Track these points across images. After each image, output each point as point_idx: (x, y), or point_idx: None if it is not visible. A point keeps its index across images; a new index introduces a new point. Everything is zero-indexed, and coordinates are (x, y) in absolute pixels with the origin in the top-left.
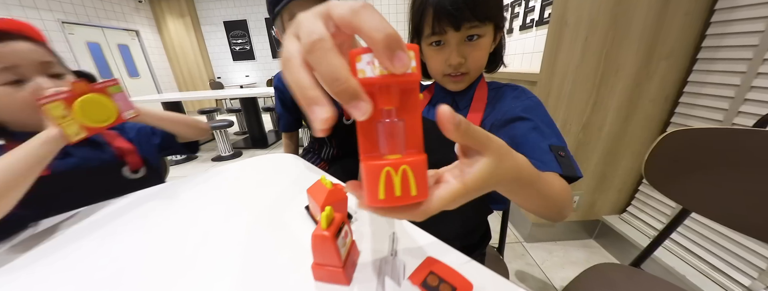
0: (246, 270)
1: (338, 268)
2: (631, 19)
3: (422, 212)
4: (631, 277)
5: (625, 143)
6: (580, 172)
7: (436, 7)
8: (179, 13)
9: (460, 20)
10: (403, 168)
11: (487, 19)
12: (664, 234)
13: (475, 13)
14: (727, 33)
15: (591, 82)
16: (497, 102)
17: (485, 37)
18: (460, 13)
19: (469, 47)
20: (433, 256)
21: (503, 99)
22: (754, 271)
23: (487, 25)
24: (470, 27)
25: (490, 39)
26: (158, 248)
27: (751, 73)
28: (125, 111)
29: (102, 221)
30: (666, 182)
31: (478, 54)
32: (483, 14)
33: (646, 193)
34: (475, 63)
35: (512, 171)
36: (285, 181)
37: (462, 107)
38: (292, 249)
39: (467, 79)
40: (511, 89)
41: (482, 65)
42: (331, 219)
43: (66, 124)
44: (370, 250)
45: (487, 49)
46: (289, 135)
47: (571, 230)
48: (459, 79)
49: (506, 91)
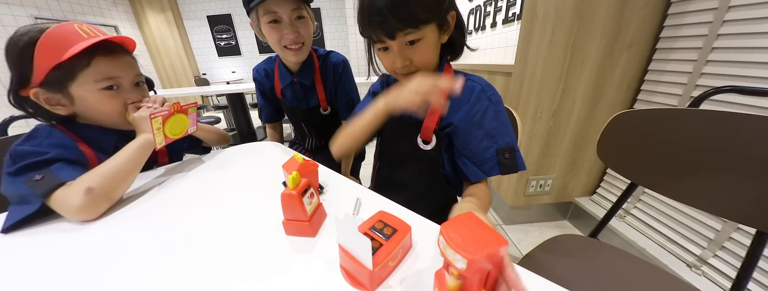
0: (229, 234)
1: (304, 221)
2: (594, 12)
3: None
4: (587, 246)
5: (593, 129)
6: (522, 166)
7: (369, 19)
8: (160, 8)
9: (391, 31)
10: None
11: (421, 23)
12: (616, 206)
13: (404, 22)
14: (683, 24)
15: (559, 71)
16: (458, 98)
17: (425, 39)
18: (388, 25)
19: (411, 50)
20: (384, 211)
21: (464, 99)
22: (703, 241)
23: (422, 28)
24: (404, 35)
25: (433, 38)
26: (152, 223)
27: (701, 61)
28: (191, 127)
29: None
30: (616, 159)
31: (421, 55)
32: (412, 21)
33: (613, 175)
34: (421, 61)
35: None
36: (266, 163)
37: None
38: (268, 215)
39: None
40: (470, 90)
41: (431, 61)
42: (298, 182)
43: (157, 134)
44: (337, 213)
45: (432, 48)
46: (273, 126)
47: (546, 212)
48: (411, 77)
49: (467, 90)
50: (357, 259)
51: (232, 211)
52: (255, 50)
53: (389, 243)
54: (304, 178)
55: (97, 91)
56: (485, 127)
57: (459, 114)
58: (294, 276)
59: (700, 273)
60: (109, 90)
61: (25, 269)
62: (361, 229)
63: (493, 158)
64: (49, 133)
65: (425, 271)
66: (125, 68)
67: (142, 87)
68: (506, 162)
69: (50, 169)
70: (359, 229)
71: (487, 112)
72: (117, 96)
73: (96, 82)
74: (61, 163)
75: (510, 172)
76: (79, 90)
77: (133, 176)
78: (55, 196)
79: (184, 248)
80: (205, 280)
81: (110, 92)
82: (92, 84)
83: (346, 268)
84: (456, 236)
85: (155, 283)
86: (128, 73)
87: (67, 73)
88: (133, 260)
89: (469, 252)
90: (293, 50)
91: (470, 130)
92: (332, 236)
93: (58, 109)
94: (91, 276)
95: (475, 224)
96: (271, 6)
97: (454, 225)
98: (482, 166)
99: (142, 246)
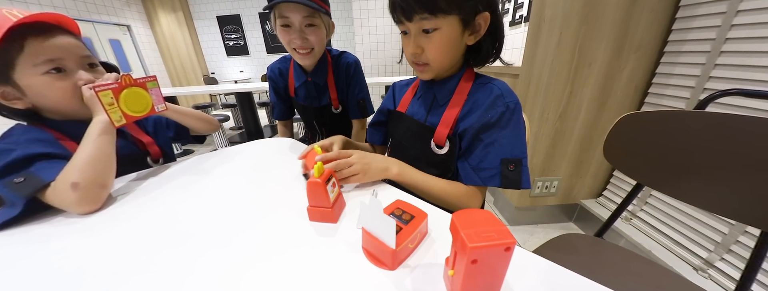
0: (256, 220)
1: (328, 208)
2: (602, 16)
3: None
4: (592, 245)
5: (599, 131)
6: (526, 184)
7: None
8: (171, 8)
9: (408, 12)
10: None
11: (440, 12)
12: (622, 206)
13: (423, 5)
14: (691, 28)
15: (566, 74)
16: (475, 103)
17: (441, 31)
18: (407, 5)
19: (425, 39)
20: (401, 199)
21: (481, 103)
22: (710, 245)
23: (440, 18)
24: (421, 19)
25: (452, 33)
26: (176, 215)
27: (709, 65)
28: (157, 104)
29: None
30: (622, 160)
31: (433, 46)
32: (431, 7)
33: (619, 178)
34: (432, 54)
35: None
36: (281, 156)
37: (442, 103)
38: (291, 203)
39: (431, 70)
40: (488, 93)
41: (444, 59)
42: (322, 171)
43: (112, 111)
44: (357, 202)
45: (449, 44)
46: (284, 123)
47: (551, 214)
48: (421, 69)
49: (486, 94)
50: (380, 240)
51: (256, 201)
52: (263, 50)
53: (408, 226)
54: (327, 168)
55: (40, 75)
56: (495, 133)
57: (471, 118)
58: (320, 256)
59: (706, 276)
60: (53, 73)
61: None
62: None
63: (496, 167)
64: (26, 130)
65: (440, 254)
66: (67, 48)
67: (97, 70)
68: (510, 175)
69: (30, 170)
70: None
71: (502, 118)
72: (64, 79)
73: (35, 66)
74: (42, 161)
75: (511, 186)
76: (24, 78)
77: (113, 160)
78: (47, 197)
79: (215, 235)
80: (236, 260)
81: (55, 76)
82: (32, 69)
83: (369, 249)
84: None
85: (190, 264)
86: (71, 54)
87: (4, 61)
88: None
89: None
90: (301, 54)
91: (478, 134)
92: (352, 222)
93: (15, 104)
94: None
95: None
96: (283, 11)
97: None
98: (480, 173)
99: (170, 231)
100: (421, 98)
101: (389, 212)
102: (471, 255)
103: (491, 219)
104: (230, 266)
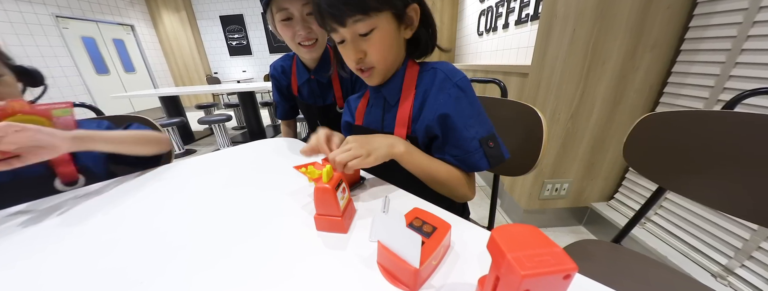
0: (258, 229)
1: (337, 217)
2: (617, 12)
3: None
4: (609, 251)
5: (612, 132)
6: (506, 154)
7: (318, 7)
8: (175, 8)
9: (340, 17)
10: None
11: (372, 10)
12: (642, 211)
13: (353, 7)
14: (709, 25)
15: (579, 72)
16: (425, 92)
17: (379, 30)
18: (337, 11)
19: (365, 42)
20: (419, 208)
21: (430, 91)
22: (730, 251)
23: (374, 16)
24: (355, 22)
25: (389, 30)
26: (171, 222)
27: (730, 63)
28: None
29: (134, 191)
30: (643, 162)
31: (375, 47)
32: (362, 7)
33: (632, 180)
34: (376, 56)
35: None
36: (285, 158)
37: (393, 103)
38: (295, 211)
39: (377, 73)
40: (433, 79)
41: (386, 57)
42: (331, 175)
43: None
44: (366, 209)
45: (389, 42)
46: (287, 122)
47: (561, 217)
48: (367, 74)
49: (431, 80)
50: (400, 257)
51: (258, 207)
52: (266, 50)
53: (431, 240)
54: (336, 172)
55: None
56: (463, 119)
57: (427, 110)
58: (329, 272)
59: (726, 283)
60: None
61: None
62: None
63: (479, 150)
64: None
65: (466, 272)
66: None
67: (3, 81)
68: (492, 152)
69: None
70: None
71: (459, 101)
72: None
73: None
74: None
75: (497, 163)
76: None
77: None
78: None
79: (213, 245)
80: (240, 275)
81: None
82: None
83: (386, 265)
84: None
85: (184, 280)
86: None
87: None
88: (162, 257)
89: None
90: (307, 47)
91: (446, 123)
92: (363, 232)
93: None
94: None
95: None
96: (281, 4)
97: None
98: (467, 159)
99: (169, 243)
100: (374, 106)
101: (408, 223)
102: (523, 285)
103: (541, 238)
104: (229, 281)
